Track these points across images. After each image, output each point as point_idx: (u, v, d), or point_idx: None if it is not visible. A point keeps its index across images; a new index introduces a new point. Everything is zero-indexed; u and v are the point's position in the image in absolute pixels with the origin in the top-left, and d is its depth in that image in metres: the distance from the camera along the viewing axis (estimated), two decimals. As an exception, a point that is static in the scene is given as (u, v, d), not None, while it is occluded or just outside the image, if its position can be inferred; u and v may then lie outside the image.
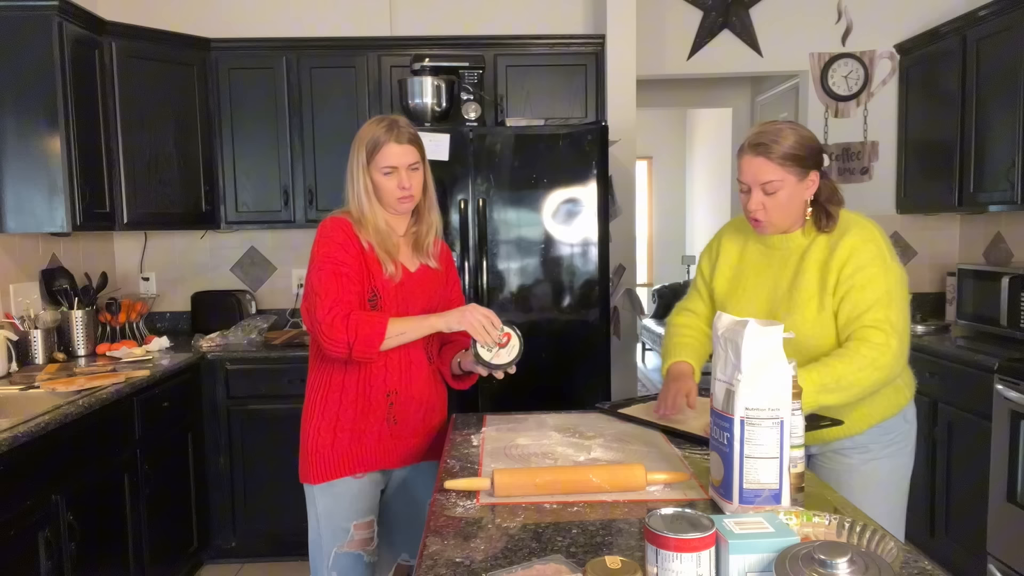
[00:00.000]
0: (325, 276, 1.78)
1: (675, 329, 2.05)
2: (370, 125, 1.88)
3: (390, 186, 1.85)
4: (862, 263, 1.72)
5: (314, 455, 1.87)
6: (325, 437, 1.86)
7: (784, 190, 1.73)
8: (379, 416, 1.88)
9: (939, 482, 3.21)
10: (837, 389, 1.62)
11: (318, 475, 1.86)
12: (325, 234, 1.84)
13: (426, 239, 1.95)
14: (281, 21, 3.79)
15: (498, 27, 3.79)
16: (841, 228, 1.77)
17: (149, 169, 3.32)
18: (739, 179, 1.78)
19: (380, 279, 1.84)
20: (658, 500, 1.37)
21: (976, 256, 3.95)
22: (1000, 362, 2.80)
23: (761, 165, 1.72)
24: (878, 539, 1.12)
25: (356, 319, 1.74)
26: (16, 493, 2.04)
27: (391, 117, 1.89)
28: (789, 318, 1.75)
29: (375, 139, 1.83)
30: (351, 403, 1.87)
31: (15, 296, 3.02)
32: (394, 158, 1.84)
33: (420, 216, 1.95)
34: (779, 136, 1.72)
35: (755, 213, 1.77)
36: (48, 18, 2.82)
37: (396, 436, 1.90)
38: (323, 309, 1.75)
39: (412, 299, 1.91)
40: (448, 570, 1.13)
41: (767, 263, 1.87)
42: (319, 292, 1.77)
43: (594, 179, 3.09)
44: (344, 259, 1.80)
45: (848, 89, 4.08)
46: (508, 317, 3.09)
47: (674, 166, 8.91)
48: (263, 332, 3.57)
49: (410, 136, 1.87)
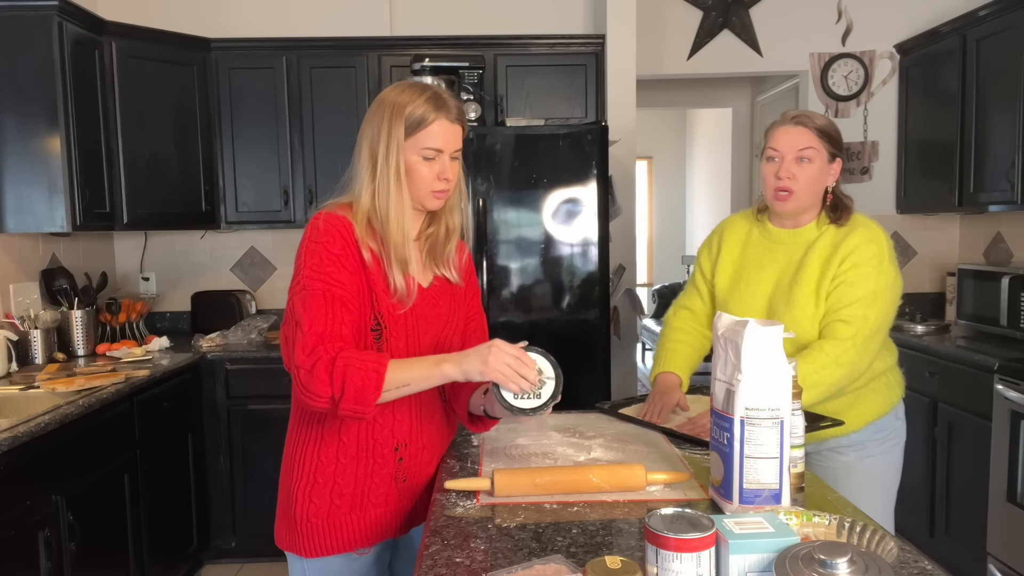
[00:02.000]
0: (312, 300, 1.36)
1: (670, 333, 2.05)
2: (406, 92, 1.45)
3: (428, 174, 1.45)
4: (858, 260, 1.75)
5: (303, 525, 1.48)
6: (318, 505, 1.47)
7: (816, 163, 1.77)
8: (385, 476, 1.50)
9: (939, 482, 3.20)
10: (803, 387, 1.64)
11: (309, 548, 1.48)
12: (317, 238, 1.41)
13: (446, 245, 1.56)
14: (281, 21, 3.79)
15: (498, 27, 3.79)
16: (850, 226, 1.81)
17: (149, 169, 3.32)
18: (770, 146, 1.81)
19: (386, 302, 1.44)
20: (658, 500, 1.37)
21: (976, 256, 3.95)
22: (1000, 362, 2.80)
23: (800, 133, 1.77)
24: (878, 539, 1.12)
25: (344, 363, 1.31)
26: (16, 493, 2.04)
27: (432, 86, 1.49)
28: (788, 314, 1.77)
29: (419, 112, 1.42)
30: (350, 462, 1.47)
31: (15, 296, 3.02)
32: (441, 139, 1.44)
33: (437, 215, 1.55)
34: (817, 116, 1.81)
35: (785, 182, 1.78)
36: (48, 18, 2.82)
37: (405, 496, 1.54)
38: (303, 350, 1.33)
39: (425, 324, 1.51)
40: (448, 570, 1.13)
41: (772, 258, 1.88)
42: (302, 323, 1.35)
43: (594, 179, 3.09)
44: (340, 277, 1.39)
45: (848, 89, 4.08)
46: (508, 317, 3.14)
47: (674, 166, 8.90)
48: (263, 332, 3.57)
49: (459, 113, 1.48)
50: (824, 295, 1.76)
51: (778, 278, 1.85)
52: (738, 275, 1.93)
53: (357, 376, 1.31)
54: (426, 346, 1.51)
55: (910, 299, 3.99)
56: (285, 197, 3.60)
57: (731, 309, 1.86)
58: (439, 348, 1.54)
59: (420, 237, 1.55)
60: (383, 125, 1.43)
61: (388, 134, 1.43)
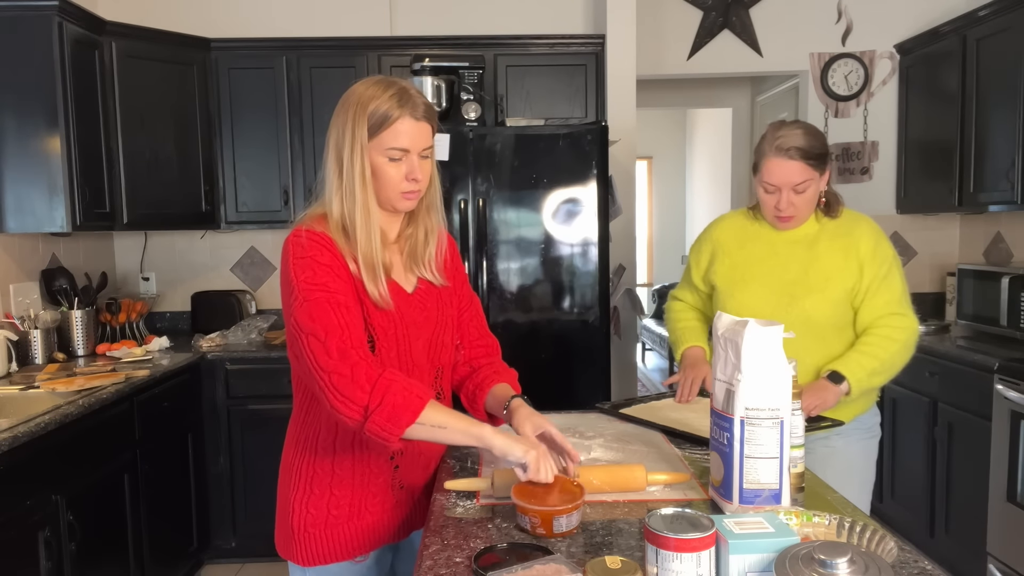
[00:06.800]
0: (317, 309, 1.29)
1: (677, 315, 2.20)
2: (370, 87, 1.38)
3: (395, 175, 1.38)
4: (883, 258, 1.91)
5: (301, 534, 1.46)
6: (315, 515, 1.45)
7: (812, 187, 1.88)
8: (382, 484, 1.48)
9: (939, 482, 3.20)
10: (883, 371, 1.86)
11: (308, 557, 1.46)
12: (303, 253, 1.34)
13: (426, 247, 1.49)
14: (281, 21, 3.79)
15: (498, 27, 3.79)
16: (850, 219, 1.96)
17: (149, 169, 3.32)
18: (766, 181, 1.89)
19: (374, 312, 1.39)
20: (658, 500, 1.37)
21: (976, 256, 3.94)
22: (1000, 362, 2.80)
23: (792, 169, 1.85)
24: (878, 539, 1.12)
25: (390, 380, 1.26)
26: (16, 493, 2.04)
27: (398, 82, 1.40)
28: (809, 299, 1.89)
29: (382, 110, 1.35)
30: (347, 472, 1.45)
31: (15, 296, 3.02)
32: (406, 138, 1.37)
33: (414, 217, 1.48)
34: (801, 138, 1.85)
35: (786, 211, 1.90)
36: (48, 18, 2.81)
37: (403, 502, 1.52)
38: (332, 355, 1.26)
39: (415, 330, 1.46)
40: (448, 570, 1.13)
41: (773, 251, 1.98)
42: (316, 332, 1.28)
43: (594, 179, 3.09)
44: (336, 285, 1.33)
45: (848, 89, 4.08)
46: (508, 317, 3.14)
47: (674, 166, 8.90)
48: (263, 332, 3.57)
49: (426, 110, 1.40)
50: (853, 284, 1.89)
51: (785, 268, 1.95)
52: (740, 271, 2.01)
53: (399, 395, 1.25)
54: (418, 352, 1.47)
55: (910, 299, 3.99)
56: (285, 197, 3.60)
57: (738, 304, 1.95)
58: (432, 351, 1.51)
59: (400, 239, 1.49)
60: (347, 125, 1.36)
61: (352, 135, 1.36)
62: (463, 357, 1.62)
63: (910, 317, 1.91)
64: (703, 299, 2.17)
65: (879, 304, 1.90)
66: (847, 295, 1.90)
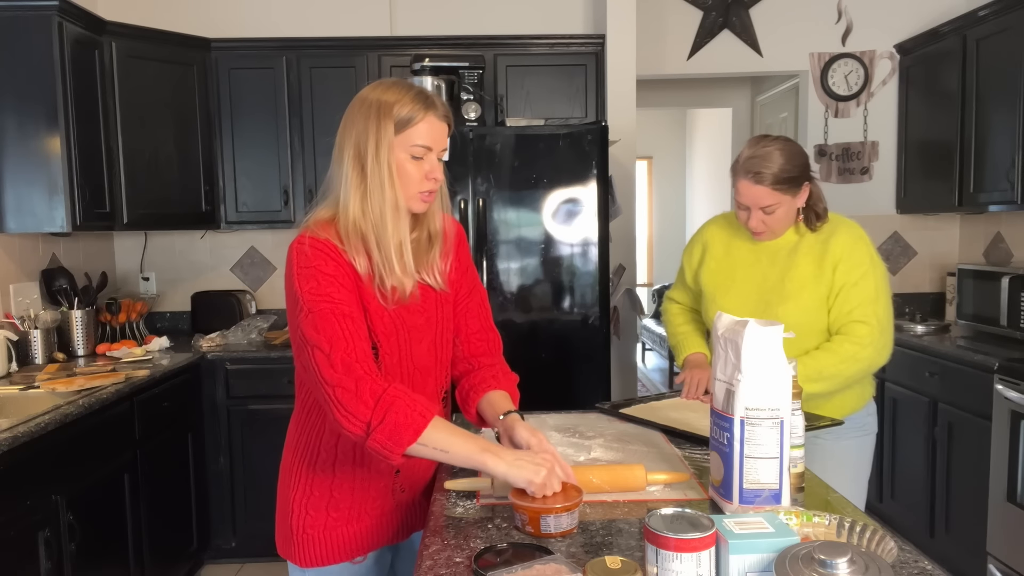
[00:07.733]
0: (323, 320, 1.29)
1: (675, 319, 2.24)
2: (391, 90, 1.37)
3: (416, 173, 1.37)
4: (856, 261, 1.88)
5: (300, 535, 1.46)
6: (314, 517, 1.45)
7: (781, 208, 1.88)
8: (383, 488, 1.48)
9: (939, 482, 3.21)
10: (819, 379, 1.82)
11: (307, 559, 1.46)
12: (307, 263, 1.33)
13: (429, 251, 1.46)
14: (281, 21, 3.79)
15: (498, 27, 3.79)
16: (830, 226, 1.94)
17: (149, 169, 3.32)
18: (736, 199, 1.91)
19: (376, 320, 1.38)
20: (658, 500, 1.37)
21: (976, 256, 3.95)
22: (1000, 362, 2.80)
23: (758, 192, 1.85)
24: (878, 539, 1.12)
25: (394, 396, 1.25)
26: (16, 493, 2.04)
27: (416, 85, 1.41)
28: (782, 306, 1.91)
29: (407, 110, 1.35)
30: (347, 476, 1.45)
31: (15, 296, 3.02)
32: (430, 137, 1.37)
33: (420, 220, 1.47)
34: (771, 161, 1.83)
35: (756, 229, 1.92)
36: (48, 18, 2.81)
37: (404, 505, 1.52)
38: (336, 368, 1.26)
39: (418, 335, 1.45)
40: (448, 570, 1.13)
41: (755, 259, 2.01)
42: (321, 344, 1.27)
43: (594, 179, 3.09)
44: (340, 296, 1.32)
45: (848, 89, 4.08)
46: (508, 317, 3.14)
47: (674, 166, 8.90)
48: (263, 332, 3.57)
49: (446, 111, 1.41)
50: (824, 292, 1.89)
51: (765, 276, 1.98)
52: (723, 274, 2.06)
53: (402, 412, 1.24)
54: (420, 357, 1.47)
55: (910, 299, 3.99)
56: (285, 197, 3.60)
57: (719, 308, 1.95)
58: (434, 355, 1.50)
59: None
60: (370, 124, 1.34)
61: (377, 132, 1.34)
62: (462, 352, 1.58)
63: (872, 326, 1.84)
64: (697, 298, 2.19)
65: (844, 311, 1.87)
66: (821, 302, 1.89)
